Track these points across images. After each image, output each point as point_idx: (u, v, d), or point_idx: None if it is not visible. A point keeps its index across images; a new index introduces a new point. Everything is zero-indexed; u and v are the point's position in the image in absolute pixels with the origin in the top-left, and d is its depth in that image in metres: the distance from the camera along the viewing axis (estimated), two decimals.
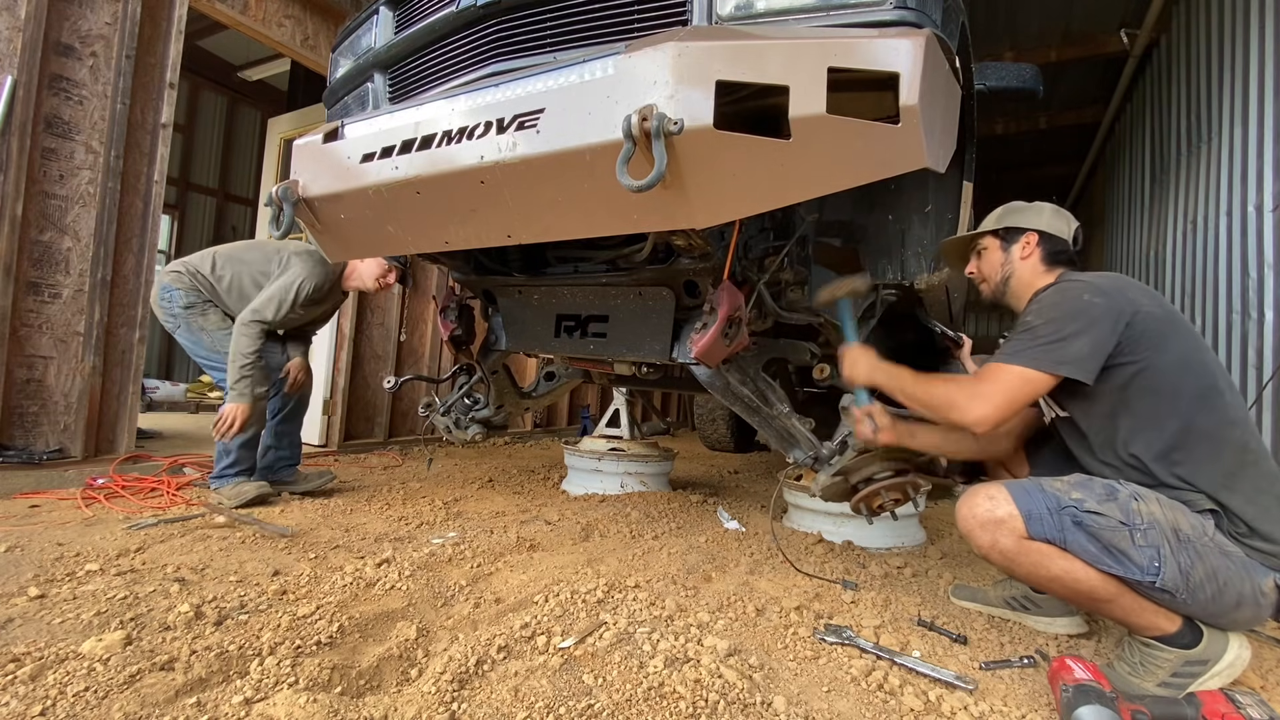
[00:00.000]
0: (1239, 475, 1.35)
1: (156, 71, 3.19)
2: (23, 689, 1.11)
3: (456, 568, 1.92)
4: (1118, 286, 1.48)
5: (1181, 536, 1.28)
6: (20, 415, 2.76)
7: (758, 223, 2.03)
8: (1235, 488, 1.35)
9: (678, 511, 2.87)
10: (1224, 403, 1.41)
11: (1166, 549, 1.26)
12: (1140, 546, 1.27)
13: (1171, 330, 1.43)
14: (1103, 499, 1.32)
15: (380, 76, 2.05)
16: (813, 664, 1.42)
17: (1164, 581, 1.26)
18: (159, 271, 2.67)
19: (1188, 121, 4.38)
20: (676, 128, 1.21)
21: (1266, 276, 3.30)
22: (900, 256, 2.31)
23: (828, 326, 2.43)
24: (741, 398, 1.96)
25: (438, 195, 1.61)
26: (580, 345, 2.26)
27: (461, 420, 2.93)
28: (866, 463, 1.83)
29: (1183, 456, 1.37)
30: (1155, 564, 1.26)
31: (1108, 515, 1.29)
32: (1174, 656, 1.33)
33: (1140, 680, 1.35)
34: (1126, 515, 1.29)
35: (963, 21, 1.82)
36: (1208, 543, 1.29)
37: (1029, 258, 1.70)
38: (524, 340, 2.52)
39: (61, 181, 2.85)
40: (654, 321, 2.02)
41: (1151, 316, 1.42)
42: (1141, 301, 1.44)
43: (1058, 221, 1.71)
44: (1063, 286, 1.53)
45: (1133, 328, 1.41)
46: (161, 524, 2.19)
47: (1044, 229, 1.70)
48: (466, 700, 1.17)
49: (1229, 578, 1.28)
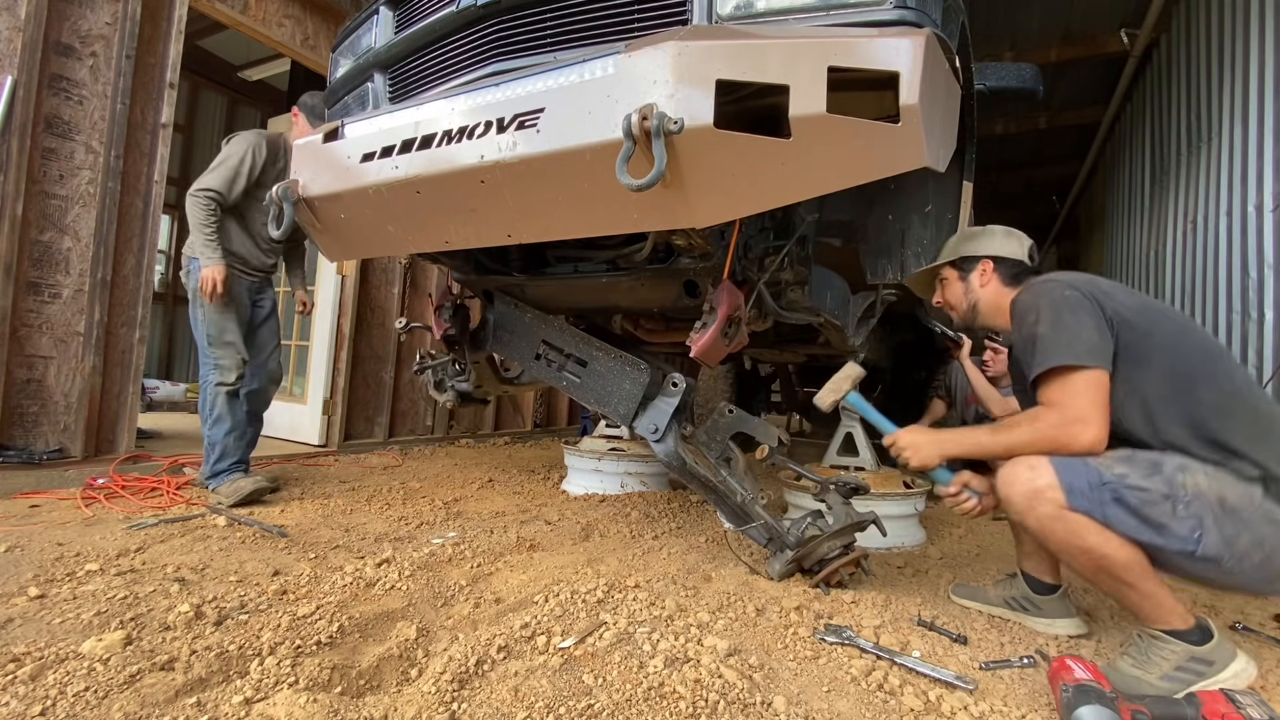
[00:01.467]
0: (1263, 441, 1.36)
1: (156, 71, 3.19)
2: (23, 689, 1.11)
3: (456, 568, 1.92)
4: (1086, 279, 1.53)
5: (1227, 506, 1.29)
6: (20, 415, 2.76)
7: (758, 222, 2.03)
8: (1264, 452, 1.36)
9: (678, 511, 2.87)
10: (1221, 375, 1.42)
11: (1210, 519, 1.28)
12: (1182, 518, 1.28)
13: (1145, 319, 1.45)
14: (1147, 473, 1.33)
15: (380, 76, 2.05)
16: (813, 664, 1.42)
17: (1205, 550, 1.27)
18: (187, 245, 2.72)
19: (1188, 121, 4.38)
20: (677, 127, 1.21)
21: (1266, 276, 3.30)
22: (900, 256, 2.31)
23: (828, 327, 2.43)
24: (697, 476, 1.96)
25: (438, 195, 1.61)
26: (555, 376, 2.28)
27: (445, 382, 2.93)
28: (814, 547, 1.87)
29: (1218, 426, 1.37)
30: (1196, 533, 1.27)
31: (1151, 489, 1.31)
32: (1180, 650, 1.34)
33: (1143, 672, 1.35)
34: (1171, 488, 1.30)
35: (963, 21, 1.82)
36: (1254, 511, 1.30)
37: (988, 284, 1.73)
38: (508, 350, 2.54)
39: (61, 181, 2.85)
40: (626, 388, 2.04)
41: (1125, 306, 1.45)
42: (1113, 293, 1.48)
43: (1010, 243, 1.73)
44: (1035, 290, 1.56)
45: (1107, 310, 1.44)
46: (161, 524, 2.19)
47: (997, 254, 1.72)
48: (466, 700, 1.17)
49: (1277, 544, 1.29)
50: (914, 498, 2.52)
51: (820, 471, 2.55)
